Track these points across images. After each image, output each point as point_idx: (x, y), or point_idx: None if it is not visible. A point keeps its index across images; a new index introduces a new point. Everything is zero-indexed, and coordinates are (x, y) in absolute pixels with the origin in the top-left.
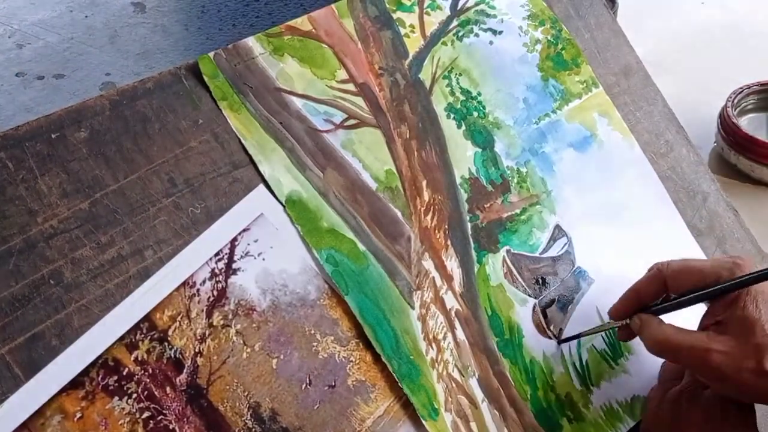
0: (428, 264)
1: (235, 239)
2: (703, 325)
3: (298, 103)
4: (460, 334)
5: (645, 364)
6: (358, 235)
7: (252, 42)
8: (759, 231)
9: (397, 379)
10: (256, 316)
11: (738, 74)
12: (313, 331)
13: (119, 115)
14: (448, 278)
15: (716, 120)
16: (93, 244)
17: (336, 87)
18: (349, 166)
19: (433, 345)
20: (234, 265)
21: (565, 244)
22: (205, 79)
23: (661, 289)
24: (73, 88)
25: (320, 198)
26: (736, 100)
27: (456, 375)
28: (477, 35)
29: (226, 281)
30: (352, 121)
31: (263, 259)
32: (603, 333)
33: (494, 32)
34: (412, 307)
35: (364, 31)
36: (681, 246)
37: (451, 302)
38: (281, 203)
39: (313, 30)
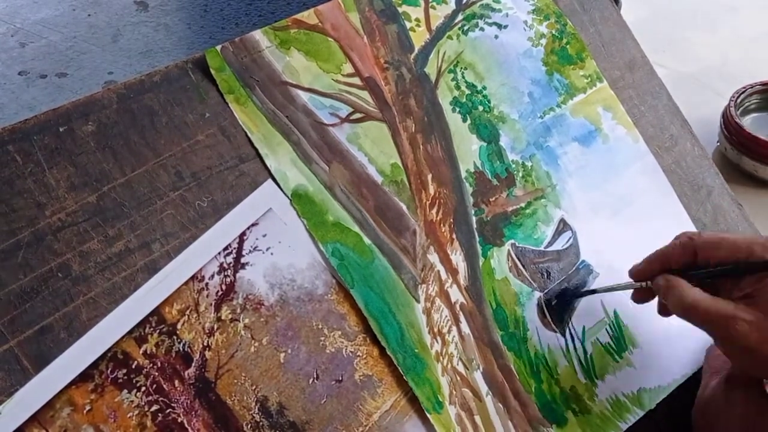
0: (433, 257)
1: (243, 234)
2: (730, 297)
3: (304, 96)
4: (465, 327)
5: (650, 357)
6: (364, 228)
7: (259, 35)
8: (762, 231)
9: (402, 372)
10: (264, 310)
11: (741, 74)
12: (320, 326)
13: (126, 109)
14: (453, 272)
15: (719, 120)
16: (101, 237)
17: (342, 81)
18: (354, 160)
19: (438, 338)
20: (242, 260)
21: (570, 237)
22: (212, 72)
23: (690, 257)
24: (76, 86)
25: (326, 192)
26: (739, 100)
27: (460, 368)
28: (482, 29)
29: (234, 275)
30: (357, 115)
31: (271, 254)
32: (607, 327)
33: (499, 26)
34: (417, 301)
35: (370, 24)
36: None
37: (456, 296)
38: (287, 197)
39: (320, 23)
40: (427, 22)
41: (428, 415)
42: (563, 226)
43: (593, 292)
